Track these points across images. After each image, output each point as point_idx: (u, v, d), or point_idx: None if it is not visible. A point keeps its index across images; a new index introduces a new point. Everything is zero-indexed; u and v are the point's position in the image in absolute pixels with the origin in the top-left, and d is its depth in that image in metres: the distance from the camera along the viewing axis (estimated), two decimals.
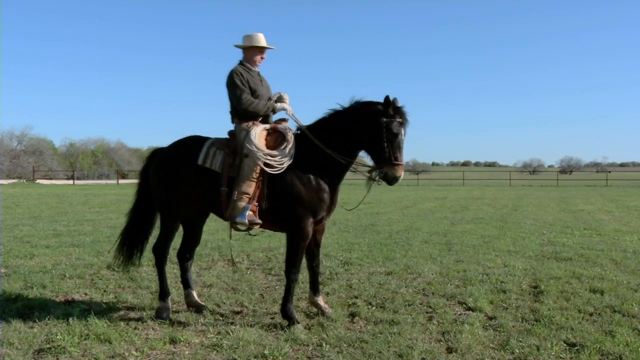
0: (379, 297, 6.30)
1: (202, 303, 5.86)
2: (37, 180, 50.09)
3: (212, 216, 5.95)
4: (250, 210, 5.14)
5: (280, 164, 5.14)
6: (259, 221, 5.19)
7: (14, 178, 54.31)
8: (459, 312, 5.73)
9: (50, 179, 56.47)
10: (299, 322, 5.27)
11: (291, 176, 5.21)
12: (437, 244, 10.55)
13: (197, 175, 5.39)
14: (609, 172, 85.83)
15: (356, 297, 6.30)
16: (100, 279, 7.13)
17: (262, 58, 5.65)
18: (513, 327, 5.22)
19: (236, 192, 5.13)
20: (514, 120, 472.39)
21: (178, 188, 5.50)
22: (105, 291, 6.50)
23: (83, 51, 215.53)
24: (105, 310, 5.61)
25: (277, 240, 10.08)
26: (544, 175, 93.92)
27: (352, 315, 5.59)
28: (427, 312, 5.73)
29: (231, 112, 5.58)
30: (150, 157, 5.98)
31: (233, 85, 5.40)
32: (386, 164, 5.17)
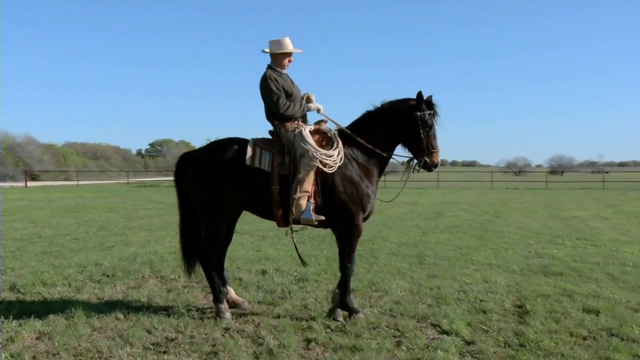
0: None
1: (241, 299, 6.94)
2: None
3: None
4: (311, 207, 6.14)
5: (335, 163, 6.20)
6: (322, 217, 6.21)
7: None
8: (431, 336, 5.80)
9: None
10: (361, 312, 6.41)
11: (342, 175, 6.28)
12: (406, 256, 10.67)
13: (245, 175, 6.30)
14: (606, 172, 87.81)
15: (312, 320, 6.32)
16: (0, 304, 6.92)
17: (289, 61, 6.65)
18: (494, 353, 5.32)
19: (297, 191, 6.12)
20: (496, 113, 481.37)
21: (225, 189, 6.34)
22: (6, 318, 6.28)
23: None
24: (5, 342, 5.46)
25: None
26: (531, 177, 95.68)
27: (308, 340, 5.60)
28: (394, 337, 5.78)
29: (267, 115, 6.59)
30: (182, 162, 6.81)
31: (269, 90, 6.38)
32: (424, 153, 6.44)
